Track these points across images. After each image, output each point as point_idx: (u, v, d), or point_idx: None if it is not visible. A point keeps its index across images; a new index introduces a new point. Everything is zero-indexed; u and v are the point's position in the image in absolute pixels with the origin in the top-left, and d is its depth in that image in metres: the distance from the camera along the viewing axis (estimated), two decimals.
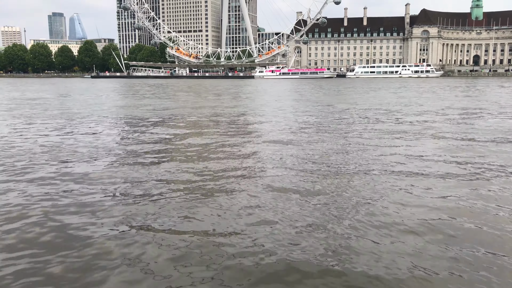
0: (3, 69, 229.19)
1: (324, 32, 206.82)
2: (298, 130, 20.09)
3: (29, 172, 11.78)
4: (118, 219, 8.15)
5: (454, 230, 7.50)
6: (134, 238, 7.25)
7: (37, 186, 10.37)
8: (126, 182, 10.75)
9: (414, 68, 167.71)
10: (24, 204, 9.01)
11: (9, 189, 10.13)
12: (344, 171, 11.76)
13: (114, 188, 10.27)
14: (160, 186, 10.38)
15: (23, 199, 9.34)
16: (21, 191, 9.98)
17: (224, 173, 11.58)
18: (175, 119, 25.54)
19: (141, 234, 7.40)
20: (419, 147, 15.16)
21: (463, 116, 26.06)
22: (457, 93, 52.20)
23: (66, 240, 7.24)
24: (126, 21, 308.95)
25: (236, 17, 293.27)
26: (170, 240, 7.14)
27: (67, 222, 8.02)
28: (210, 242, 7.08)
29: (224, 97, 47.94)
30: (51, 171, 11.93)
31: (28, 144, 16.30)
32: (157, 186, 10.39)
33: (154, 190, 10.05)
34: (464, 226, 7.74)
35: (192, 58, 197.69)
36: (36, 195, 9.63)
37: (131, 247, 6.91)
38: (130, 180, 10.97)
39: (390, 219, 8.01)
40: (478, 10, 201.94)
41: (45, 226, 7.83)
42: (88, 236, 7.37)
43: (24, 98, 46.45)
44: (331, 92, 59.01)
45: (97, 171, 11.93)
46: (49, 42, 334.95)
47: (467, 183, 10.45)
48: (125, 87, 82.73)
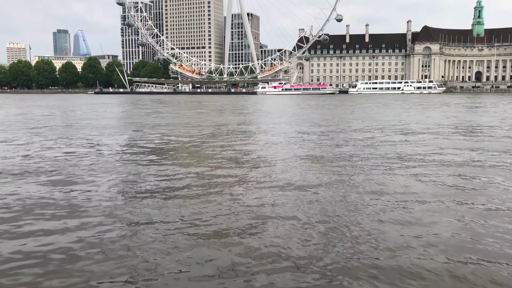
0: (8, 85, 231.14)
1: (326, 48, 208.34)
2: (302, 143, 19.84)
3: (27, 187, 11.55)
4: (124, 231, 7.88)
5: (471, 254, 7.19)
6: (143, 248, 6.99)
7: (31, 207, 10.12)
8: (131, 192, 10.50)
9: (416, 84, 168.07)
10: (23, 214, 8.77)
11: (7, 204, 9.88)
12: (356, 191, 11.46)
13: (119, 202, 10.01)
14: (164, 195, 10.13)
15: (23, 212, 9.10)
16: (21, 204, 9.74)
17: (229, 184, 11.34)
18: (178, 133, 25.39)
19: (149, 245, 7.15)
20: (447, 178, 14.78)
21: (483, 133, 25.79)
22: (477, 111, 51.97)
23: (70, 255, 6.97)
24: (130, 38, 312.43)
25: (239, 34, 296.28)
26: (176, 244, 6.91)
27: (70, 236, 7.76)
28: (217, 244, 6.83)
29: (227, 113, 47.94)
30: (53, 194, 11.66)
31: (25, 159, 16.09)
32: (161, 196, 10.14)
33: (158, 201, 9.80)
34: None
35: (195, 74, 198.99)
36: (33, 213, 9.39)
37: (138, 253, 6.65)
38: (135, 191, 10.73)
39: (394, 240, 7.70)
40: (479, 27, 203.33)
41: (45, 243, 7.55)
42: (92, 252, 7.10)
43: (29, 114, 46.50)
44: (337, 109, 58.94)
45: (103, 182, 11.69)
46: (54, 59, 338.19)
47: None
48: (128, 103, 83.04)
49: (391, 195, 10.66)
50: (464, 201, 10.16)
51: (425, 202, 10.02)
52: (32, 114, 46.59)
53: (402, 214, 9.12)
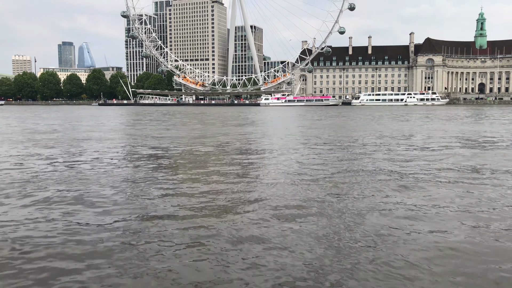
0: (13, 96, 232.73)
1: (329, 60, 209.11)
2: (306, 158, 19.79)
3: (31, 200, 11.53)
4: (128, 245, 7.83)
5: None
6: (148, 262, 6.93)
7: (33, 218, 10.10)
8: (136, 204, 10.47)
9: (420, 96, 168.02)
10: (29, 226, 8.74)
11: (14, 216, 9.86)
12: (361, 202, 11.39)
13: (123, 215, 9.97)
14: (168, 207, 10.09)
15: (30, 226, 9.07)
16: (29, 215, 9.72)
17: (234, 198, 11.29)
18: (182, 145, 25.39)
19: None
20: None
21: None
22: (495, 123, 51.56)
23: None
24: (134, 50, 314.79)
25: (242, 46, 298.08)
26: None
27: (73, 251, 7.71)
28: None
29: (230, 123, 47.97)
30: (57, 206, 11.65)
31: (31, 172, 16.11)
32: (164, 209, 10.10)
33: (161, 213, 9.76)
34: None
35: (198, 86, 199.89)
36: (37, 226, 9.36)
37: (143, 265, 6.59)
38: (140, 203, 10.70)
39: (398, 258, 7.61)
40: (482, 39, 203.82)
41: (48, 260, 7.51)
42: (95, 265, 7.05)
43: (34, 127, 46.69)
44: (342, 120, 58.89)
45: (109, 195, 11.67)
46: (58, 70, 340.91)
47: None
48: (132, 114, 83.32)
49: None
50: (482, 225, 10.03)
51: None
52: (39, 126, 46.79)
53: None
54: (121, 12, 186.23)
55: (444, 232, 8.67)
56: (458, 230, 8.82)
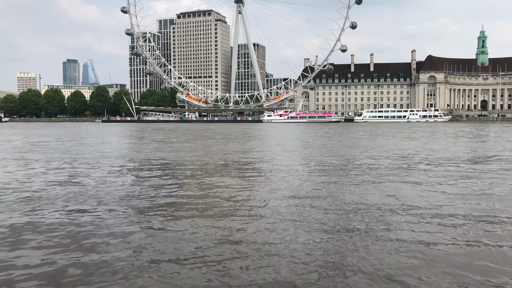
0: (17, 113, 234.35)
1: (332, 77, 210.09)
2: (310, 173, 19.76)
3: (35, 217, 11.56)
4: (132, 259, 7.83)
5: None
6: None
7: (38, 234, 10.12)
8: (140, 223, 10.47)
9: (422, 113, 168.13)
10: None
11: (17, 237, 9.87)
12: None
13: (128, 231, 9.98)
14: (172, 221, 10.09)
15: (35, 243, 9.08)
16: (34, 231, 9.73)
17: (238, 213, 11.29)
18: (186, 161, 25.42)
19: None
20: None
21: None
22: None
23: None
24: (138, 68, 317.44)
25: (245, 64, 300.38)
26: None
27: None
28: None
29: (233, 140, 48.06)
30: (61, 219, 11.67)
31: (36, 187, 16.16)
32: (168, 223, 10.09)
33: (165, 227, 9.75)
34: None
35: (201, 102, 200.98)
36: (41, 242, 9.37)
37: None
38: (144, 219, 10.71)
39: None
40: (483, 56, 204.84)
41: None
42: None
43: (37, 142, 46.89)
44: (347, 138, 58.85)
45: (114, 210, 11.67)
46: (63, 87, 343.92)
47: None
48: (135, 131, 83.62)
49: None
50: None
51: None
52: (46, 142, 46.99)
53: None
54: (126, 30, 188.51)
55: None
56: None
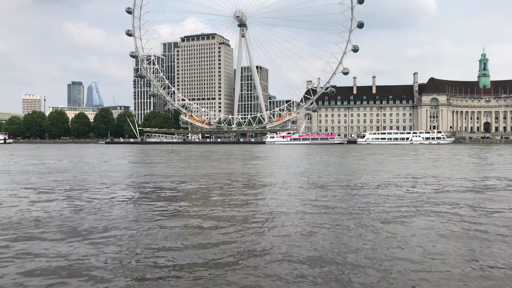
0: (21, 135, 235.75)
1: (334, 99, 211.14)
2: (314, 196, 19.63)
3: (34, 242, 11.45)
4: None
5: None
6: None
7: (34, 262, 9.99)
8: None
9: (425, 135, 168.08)
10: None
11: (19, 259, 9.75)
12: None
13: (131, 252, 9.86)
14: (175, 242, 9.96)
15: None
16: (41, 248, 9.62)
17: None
18: (190, 182, 25.34)
19: None
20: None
21: None
22: None
23: None
24: (142, 90, 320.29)
25: (248, 86, 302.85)
26: None
27: None
28: None
29: (236, 161, 48.00)
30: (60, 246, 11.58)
31: (37, 212, 16.08)
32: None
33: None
34: None
35: (204, 124, 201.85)
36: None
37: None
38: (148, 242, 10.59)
39: None
40: (485, 79, 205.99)
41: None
42: None
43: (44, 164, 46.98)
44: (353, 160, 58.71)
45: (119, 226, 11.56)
46: (67, 109, 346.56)
47: None
48: (139, 153, 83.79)
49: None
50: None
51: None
52: (49, 164, 47.10)
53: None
54: (130, 53, 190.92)
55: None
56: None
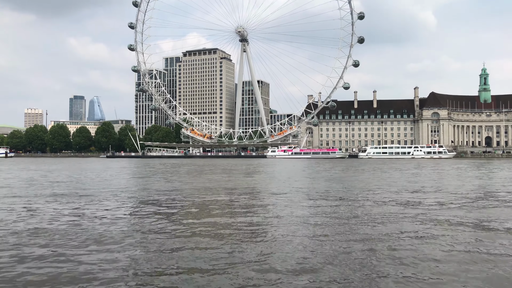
0: (23, 148, 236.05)
1: (335, 113, 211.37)
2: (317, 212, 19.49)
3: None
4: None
5: None
6: None
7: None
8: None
9: (426, 149, 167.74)
10: None
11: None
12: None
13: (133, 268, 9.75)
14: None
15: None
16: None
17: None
18: (191, 196, 25.22)
19: None
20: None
21: None
22: None
23: None
24: (143, 104, 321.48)
25: (249, 100, 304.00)
26: None
27: None
28: None
29: (237, 175, 47.88)
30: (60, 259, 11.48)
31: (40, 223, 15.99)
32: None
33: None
34: None
35: (205, 138, 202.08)
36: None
37: None
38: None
39: None
40: (486, 93, 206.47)
41: None
42: None
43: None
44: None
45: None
46: (69, 123, 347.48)
47: None
48: (139, 166, 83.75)
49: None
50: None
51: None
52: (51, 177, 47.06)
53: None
54: (132, 67, 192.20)
55: None
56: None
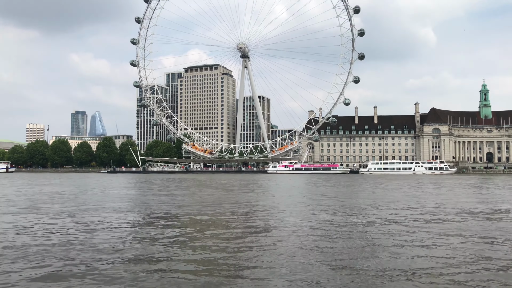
0: (24, 163, 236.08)
1: (336, 129, 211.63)
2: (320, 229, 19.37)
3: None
4: None
5: None
6: None
7: None
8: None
9: (428, 165, 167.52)
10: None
11: None
12: None
13: None
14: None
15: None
16: None
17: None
18: (191, 213, 25.10)
19: None
20: None
21: None
22: None
23: None
24: (145, 119, 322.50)
25: (250, 115, 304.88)
26: None
27: None
28: None
29: (239, 191, 47.71)
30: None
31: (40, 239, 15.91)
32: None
33: None
34: None
35: (206, 153, 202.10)
36: None
37: None
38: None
39: None
40: (486, 109, 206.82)
41: None
42: None
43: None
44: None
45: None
46: (70, 138, 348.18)
47: None
48: (140, 182, 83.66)
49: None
50: None
51: None
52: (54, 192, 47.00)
53: None
54: (134, 82, 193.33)
55: None
56: None
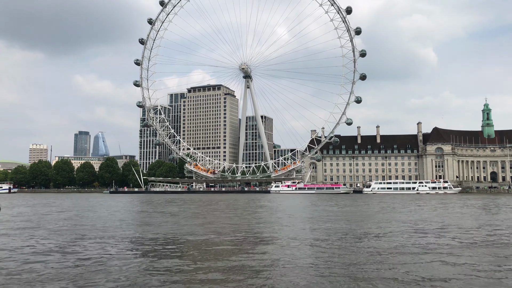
0: (27, 184, 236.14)
1: (339, 148, 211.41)
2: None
3: None
4: None
5: None
6: None
7: None
8: None
9: (431, 184, 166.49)
10: None
11: None
12: None
13: None
14: None
15: None
16: None
17: None
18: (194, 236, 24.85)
19: None
20: None
21: None
22: None
23: None
24: (147, 139, 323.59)
25: (252, 135, 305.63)
26: None
27: None
28: None
29: (243, 212, 47.36)
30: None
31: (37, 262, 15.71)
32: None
33: None
34: None
35: (209, 173, 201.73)
36: None
37: None
38: None
39: None
40: (489, 128, 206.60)
41: None
42: None
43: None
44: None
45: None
46: (73, 159, 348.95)
47: None
48: (142, 203, 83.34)
49: None
50: None
51: None
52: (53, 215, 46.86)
53: None
54: (137, 103, 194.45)
55: None
56: None
